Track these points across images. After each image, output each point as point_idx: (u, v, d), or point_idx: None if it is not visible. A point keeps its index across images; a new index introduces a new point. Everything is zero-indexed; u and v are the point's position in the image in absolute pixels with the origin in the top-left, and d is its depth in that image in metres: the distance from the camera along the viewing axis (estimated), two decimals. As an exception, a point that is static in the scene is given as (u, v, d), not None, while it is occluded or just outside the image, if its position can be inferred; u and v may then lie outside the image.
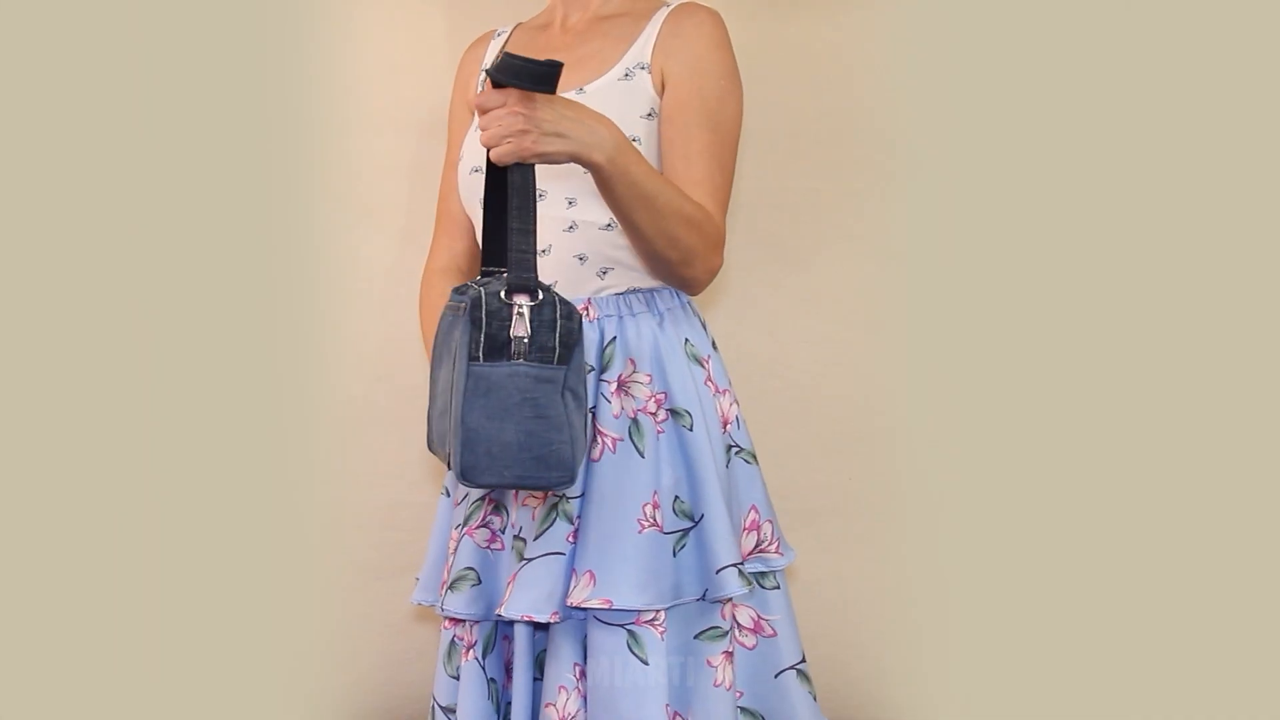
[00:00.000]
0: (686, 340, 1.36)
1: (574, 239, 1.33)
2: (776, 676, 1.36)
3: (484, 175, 1.31)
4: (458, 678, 1.33)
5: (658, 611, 1.26)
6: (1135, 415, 1.45)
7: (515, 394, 1.11)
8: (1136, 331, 1.46)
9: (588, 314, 1.33)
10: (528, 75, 1.10)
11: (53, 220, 1.45)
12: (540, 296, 1.13)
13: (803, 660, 1.37)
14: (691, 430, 1.31)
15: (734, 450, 1.37)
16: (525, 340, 1.11)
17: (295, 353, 1.75)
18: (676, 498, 1.29)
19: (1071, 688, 1.47)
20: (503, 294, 1.12)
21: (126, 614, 1.47)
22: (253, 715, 1.58)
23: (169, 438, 1.53)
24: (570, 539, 1.27)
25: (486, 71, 1.11)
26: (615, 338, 1.32)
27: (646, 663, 1.24)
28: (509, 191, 1.13)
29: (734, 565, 1.27)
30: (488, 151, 1.12)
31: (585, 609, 1.26)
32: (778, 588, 1.37)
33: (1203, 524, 1.41)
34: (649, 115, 1.33)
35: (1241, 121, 1.41)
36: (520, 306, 1.12)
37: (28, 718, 1.38)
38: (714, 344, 1.41)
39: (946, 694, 1.73)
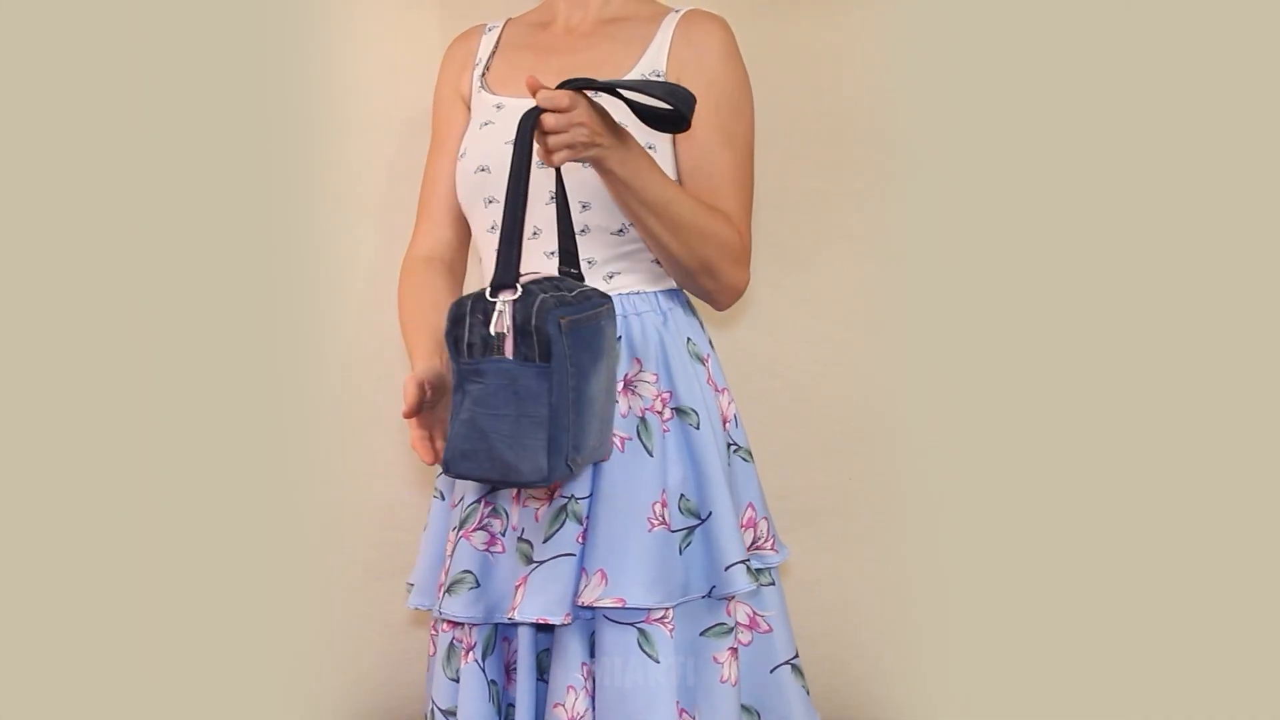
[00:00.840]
0: (688, 339, 1.36)
1: (585, 243, 1.33)
2: (772, 672, 1.36)
3: (491, 175, 1.33)
4: (458, 680, 1.33)
5: (667, 610, 1.26)
6: (1135, 415, 1.45)
7: None
8: (1136, 331, 1.46)
9: None
10: (685, 104, 1.17)
11: (53, 219, 1.45)
12: None
13: (796, 655, 1.38)
14: (698, 429, 1.31)
15: (733, 448, 1.38)
16: None
17: (295, 352, 1.75)
18: (682, 495, 1.29)
19: (1071, 687, 1.47)
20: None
21: (127, 614, 1.47)
22: (253, 715, 1.58)
23: (169, 437, 1.53)
24: (580, 539, 1.27)
25: (666, 84, 1.18)
26: (621, 337, 1.32)
27: (657, 661, 1.24)
28: (564, 192, 1.22)
29: (742, 562, 1.28)
30: (521, 146, 1.15)
31: (597, 608, 1.26)
32: (772, 584, 1.38)
33: (1202, 523, 1.41)
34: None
35: (1242, 121, 1.41)
36: None
37: (28, 718, 1.38)
38: (711, 343, 1.41)
39: (946, 694, 1.73)
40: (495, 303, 1.10)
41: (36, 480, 1.42)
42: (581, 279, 1.25)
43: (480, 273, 1.44)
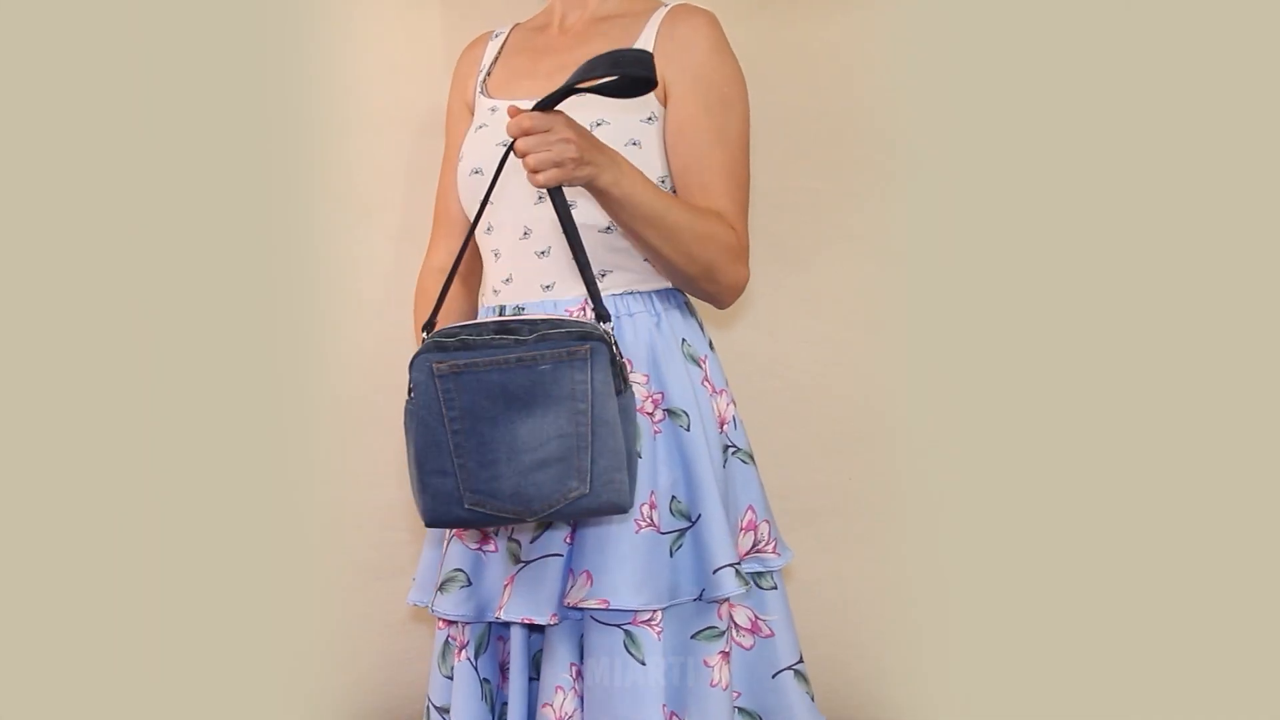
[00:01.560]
0: (684, 340, 1.36)
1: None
2: (774, 677, 1.35)
3: (486, 178, 1.31)
4: (452, 678, 1.34)
5: (655, 611, 1.25)
6: (1135, 415, 1.45)
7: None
8: (1136, 331, 1.46)
9: (584, 315, 1.33)
10: (637, 63, 1.13)
11: (53, 220, 1.46)
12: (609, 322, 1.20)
13: (800, 660, 1.37)
14: (689, 430, 1.30)
15: (731, 450, 1.37)
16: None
17: (295, 353, 1.75)
18: (673, 498, 1.29)
19: (1071, 687, 1.47)
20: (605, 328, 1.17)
21: (127, 614, 1.47)
22: (253, 715, 1.58)
23: (169, 438, 1.53)
24: (568, 540, 1.27)
25: (572, 88, 1.14)
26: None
27: (644, 663, 1.24)
28: (567, 220, 1.18)
29: (731, 565, 1.27)
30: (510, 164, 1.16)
31: (582, 609, 1.26)
32: (775, 588, 1.37)
33: (1202, 523, 1.41)
34: (649, 120, 1.33)
35: (1241, 121, 1.41)
36: (611, 333, 1.17)
37: (28, 718, 1.39)
38: (711, 344, 1.41)
39: (946, 694, 1.73)
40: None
41: (37, 480, 1.42)
42: (581, 323, 1.18)
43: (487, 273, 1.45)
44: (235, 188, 1.63)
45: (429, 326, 1.20)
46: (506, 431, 1.13)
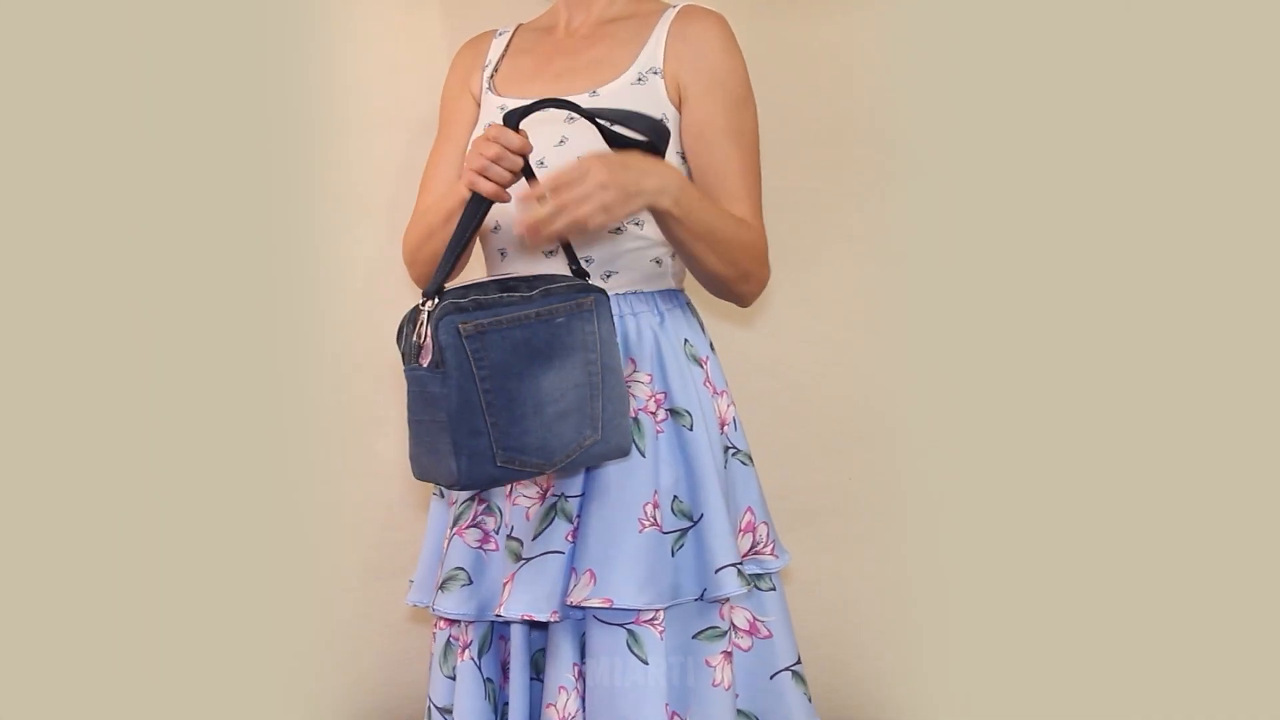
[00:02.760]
0: (686, 341, 1.36)
1: (583, 241, 1.33)
2: (772, 678, 1.35)
3: None
4: (454, 678, 1.33)
5: (657, 611, 1.25)
6: (1135, 415, 1.45)
7: None
8: (1136, 331, 1.46)
9: None
10: (651, 129, 1.20)
11: (53, 219, 1.46)
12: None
13: (798, 662, 1.37)
14: (691, 430, 1.31)
15: (731, 452, 1.37)
16: None
17: (295, 352, 1.75)
18: (675, 497, 1.29)
19: (1071, 687, 1.47)
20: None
21: (127, 614, 1.47)
22: (253, 715, 1.58)
23: (169, 437, 1.53)
24: (569, 538, 1.27)
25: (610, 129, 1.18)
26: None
27: (646, 662, 1.24)
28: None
29: (733, 565, 1.27)
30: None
31: (585, 608, 1.26)
32: (773, 589, 1.37)
33: (1202, 523, 1.41)
34: (662, 119, 1.33)
35: (1241, 121, 1.41)
36: None
37: (28, 718, 1.39)
38: (711, 345, 1.41)
39: (946, 694, 1.73)
40: (421, 311, 1.14)
41: (36, 479, 1.42)
42: (573, 276, 1.24)
43: (485, 272, 1.45)
44: (236, 188, 1.63)
45: (433, 294, 1.16)
46: (531, 386, 1.14)
